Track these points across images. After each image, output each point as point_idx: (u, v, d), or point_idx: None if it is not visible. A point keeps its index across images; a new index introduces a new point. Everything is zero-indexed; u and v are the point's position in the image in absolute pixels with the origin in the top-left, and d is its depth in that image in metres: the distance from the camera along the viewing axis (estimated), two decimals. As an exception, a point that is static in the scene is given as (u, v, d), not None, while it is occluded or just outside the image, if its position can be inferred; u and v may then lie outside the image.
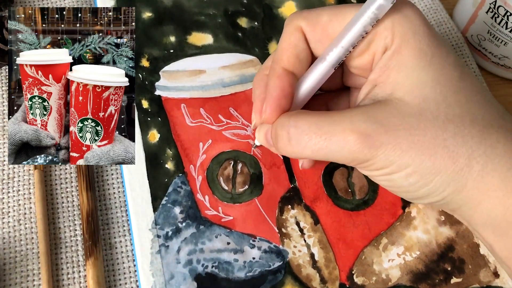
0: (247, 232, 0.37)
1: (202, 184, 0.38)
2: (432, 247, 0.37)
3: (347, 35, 0.30)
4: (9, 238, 0.37)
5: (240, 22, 0.45)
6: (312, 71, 0.32)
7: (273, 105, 0.31)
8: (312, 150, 0.30)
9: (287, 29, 0.33)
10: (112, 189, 0.39)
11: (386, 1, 0.28)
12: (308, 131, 0.29)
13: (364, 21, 0.29)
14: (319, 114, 0.30)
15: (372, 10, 0.29)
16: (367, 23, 0.29)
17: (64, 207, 0.38)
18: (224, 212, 0.37)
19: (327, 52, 0.31)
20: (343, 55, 0.31)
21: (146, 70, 0.42)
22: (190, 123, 0.40)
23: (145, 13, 0.44)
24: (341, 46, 0.30)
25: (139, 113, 0.40)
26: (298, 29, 0.32)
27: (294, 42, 0.32)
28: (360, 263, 0.36)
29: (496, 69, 0.47)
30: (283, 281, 0.36)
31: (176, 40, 0.43)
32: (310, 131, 0.29)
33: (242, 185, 0.38)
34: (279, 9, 0.46)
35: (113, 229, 0.38)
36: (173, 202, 0.37)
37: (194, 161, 0.39)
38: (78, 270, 0.36)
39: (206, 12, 0.45)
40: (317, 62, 0.32)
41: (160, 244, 0.36)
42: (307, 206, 0.38)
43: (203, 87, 0.41)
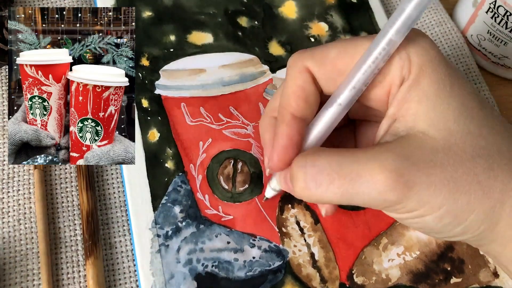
0: (247, 232, 0.37)
1: (202, 183, 0.38)
2: (432, 247, 0.37)
3: (358, 74, 0.28)
4: (9, 238, 0.37)
5: (240, 21, 0.45)
6: (323, 116, 0.30)
7: (280, 154, 0.29)
8: (334, 193, 0.27)
9: (292, 71, 0.30)
10: (112, 189, 0.39)
11: (396, 36, 0.27)
12: (329, 170, 0.27)
13: (375, 58, 0.27)
14: (339, 152, 0.28)
15: (382, 46, 0.27)
16: (379, 61, 0.27)
17: (64, 207, 0.38)
18: (224, 211, 0.37)
19: (338, 94, 0.29)
20: (356, 96, 0.29)
21: (146, 69, 0.42)
22: (190, 122, 0.40)
23: (145, 12, 0.44)
24: (353, 87, 0.28)
25: (139, 112, 0.40)
26: (305, 70, 0.30)
27: (302, 85, 0.30)
28: (360, 263, 0.36)
29: (496, 69, 0.47)
30: (283, 281, 0.36)
31: (176, 39, 0.43)
32: (331, 171, 0.27)
33: (242, 184, 0.38)
34: (279, 8, 0.46)
35: (113, 228, 0.38)
36: (173, 202, 0.37)
37: (194, 160, 0.39)
38: (78, 270, 0.36)
39: (206, 11, 0.45)
40: (328, 105, 0.30)
41: (160, 244, 0.36)
42: (307, 205, 0.38)
43: (203, 86, 0.41)
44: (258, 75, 0.42)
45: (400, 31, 0.27)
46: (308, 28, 0.45)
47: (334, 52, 0.29)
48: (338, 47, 0.29)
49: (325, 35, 0.45)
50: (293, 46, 0.44)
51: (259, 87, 0.42)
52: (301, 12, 0.46)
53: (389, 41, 0.27)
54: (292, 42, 0.44)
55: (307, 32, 0.45)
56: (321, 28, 0.45)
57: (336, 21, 0.45)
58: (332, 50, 0.29)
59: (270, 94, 0.41)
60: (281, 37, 0.44)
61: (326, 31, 0.45)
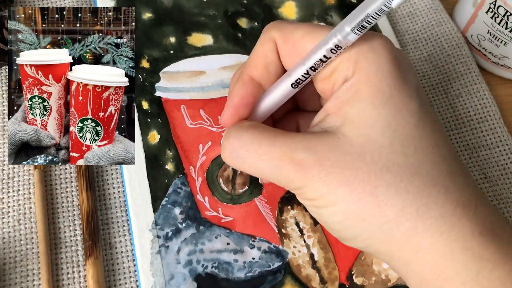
0: (247, 233, 0.37)
1: (202, 185, 0.38)
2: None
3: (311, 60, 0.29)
4: (9, 238, 0.37)
5: (240, 22, 0.45)
6: (276, 88, 0.31)
7: (230, 111, 0.31)
8: (249, 166, 0.29)
9: (262, 37, 0.32)
10: (112, 189, 0.39)
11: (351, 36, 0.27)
12: (248, 147, 0.29)
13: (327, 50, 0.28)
14: (264, 131, 0.29)
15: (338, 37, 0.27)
16: (328, 49, 0.28)
17: (64, 207, 0.38)
18: (224, 213, 0.37)
19: (290, 73, 0.30)
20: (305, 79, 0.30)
21: (146, 71, 0.42)
22: (190, 124, 0.40)
23: (145, 13, 0.44)
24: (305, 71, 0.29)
25: (139, 114, 0.40)
26: (272, 39, 0.31)
27: (265, 53, 0.31)
28: (359, 263, 0.36)
29: (496, 69, 0.47)
30: (282, 281, 0.36)
31: (176, 41, 0.43)
32: (250, 148, 0.29)
33: (241, 186, 0.38)
34: (279, 9, 0.46)
35: (113, 229, 0.38)
36: (173, 203, 0.37)
37: (194, 163, 0.39)
38: (78, 270, 0.36)
39: (206, 12, 0.45)
40: (281, 80, 0.31)
41: (160, 245, 0.36)
42: (306, 206, 0.38)
43: (203, 88, 0.41)
44: (258, 76, 0.42)
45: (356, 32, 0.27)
46: (308, 28, 0.45)
47: (300, 32, 0.30)
48: (305, 29, 0.30)
49: (325, 35, 0.45)
50: (293, 46, 0.44)
51: (259, 88, 0.42)
52: (301, 12, 0.46)
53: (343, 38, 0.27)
54: (292, 42, 0.44)
55: (307, 32, 0.45)
56: (321, 28, 0.45)
57: (336, 21, 0.45)
58: (299, 30, 0.30)
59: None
60: (281, 37, 0.44)
61: (326, 31, 0.45)
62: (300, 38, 0.30)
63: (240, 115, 0.31)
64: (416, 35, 0.48)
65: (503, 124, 0.43)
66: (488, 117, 0.44)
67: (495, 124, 0.43)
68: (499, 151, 0.42)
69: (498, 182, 0.41)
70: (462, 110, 0.44)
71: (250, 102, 0.31)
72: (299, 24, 0.31)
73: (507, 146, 0.43)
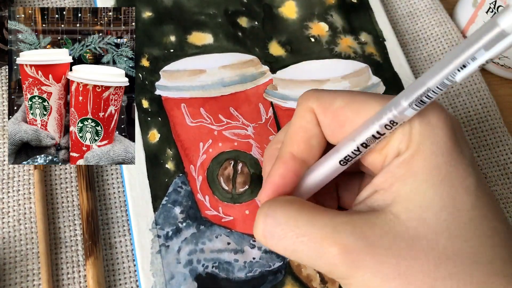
0: (248, 232, 0.37)
1: (202, 184, 0.38)
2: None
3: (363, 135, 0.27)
4: (9, 238, 0.37)
5: (240, 21, 0.45)
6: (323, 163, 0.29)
7: (268, 192, 0.29)
8: (285, 249, 0.26)
9: (298, 109, 0.29)
10: (112, 189, 0.39)
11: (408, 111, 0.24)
12: (285, 225, 0.26)
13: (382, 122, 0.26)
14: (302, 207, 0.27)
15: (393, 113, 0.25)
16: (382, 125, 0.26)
17: (64, 207, 0.38)
18: (224, 212, 0.37)
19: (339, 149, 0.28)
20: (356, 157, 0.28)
21: (146, 69, 0.42)
22: (190, 123, 0.40)
23: (145, 12, 0.44)
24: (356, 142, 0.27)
25: (139, 113, 0.40)
26: (310, 110, 0.29)
27: (305, 126, 0.29)
28: (360, 263, 0.36)
29: (496, 69, 0.47)
30: (283, 281, 0.36)
31: (176, 39, 0.43)
32: (286, 227, 0.26)
33: (242, 185, 0.38)
34: (279, 9, 0.46)
35: (113, 229, 0.38)
36: (173, 202, 0.37)
37: (194, 161, 0.39)
38: (78, 270, 0.36)
39: (206, 11, 0.45)
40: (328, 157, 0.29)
41: (161, 244, 0.36)
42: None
43: (203, 87, 0.41)
44: (258, 75, 0.42)
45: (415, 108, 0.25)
46: (308, 28, 0.45)
47: (340, 102, 0.28)
48: (345, 98, 0.28)
49: (325, 35, 0.45)
50: (293, 46, 0.44)
51: (259, 87, 0.42)
52: (301, 12, 0.46)
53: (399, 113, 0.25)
54: (292, 42, 0.44)
55: (307, 32, 0.45)
56: (321, 28, 0.45)
57: (336, 21, 0.45)
58: (338, 99, 0.28)
59: (270, 95, 0.41)
60: (281, 37, 0.44)
61: (326, 31, 0.45)
62: (341, 107, 0.28)
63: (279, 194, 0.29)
64: (416, 35, 0.48)
65: (503, 124, 0.43)
66: (488, 117, 0.44)
67: (495, 124, 0.43)
68: (499, 151, 0.42)
69: (498, 182, 0.41)
70: (462, 110, 0.44)
71: (292, 182, 0.29)
72: (337, 92, 0.29)
73: (507, 146, 0.43)
